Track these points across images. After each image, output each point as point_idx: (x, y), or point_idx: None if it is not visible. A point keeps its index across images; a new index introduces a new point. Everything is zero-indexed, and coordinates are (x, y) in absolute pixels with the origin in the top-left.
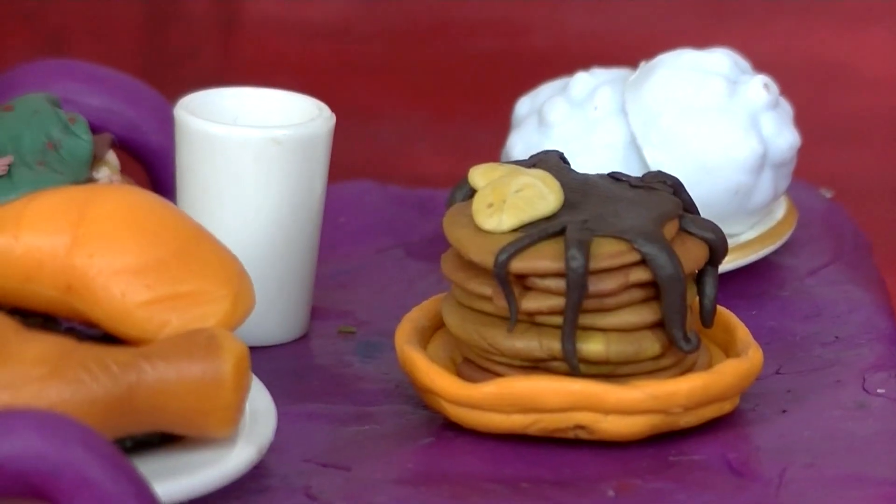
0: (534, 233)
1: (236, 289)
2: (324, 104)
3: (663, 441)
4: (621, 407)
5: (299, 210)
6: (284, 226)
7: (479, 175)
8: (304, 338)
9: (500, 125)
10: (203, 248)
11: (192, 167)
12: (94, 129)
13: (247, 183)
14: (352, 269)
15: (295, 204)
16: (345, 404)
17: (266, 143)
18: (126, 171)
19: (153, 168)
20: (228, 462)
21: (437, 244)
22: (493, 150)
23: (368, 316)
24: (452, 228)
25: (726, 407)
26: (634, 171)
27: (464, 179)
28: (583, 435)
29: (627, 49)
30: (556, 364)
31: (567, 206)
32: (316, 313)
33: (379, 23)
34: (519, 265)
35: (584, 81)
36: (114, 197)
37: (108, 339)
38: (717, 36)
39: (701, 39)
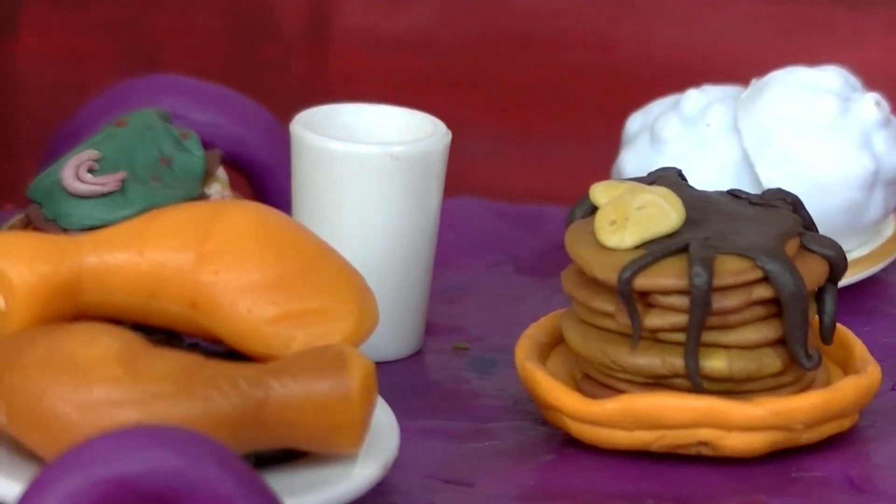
0: (657, 250)
1: (361, 305)
2: (439, 121)
3: (784, 458)
4: (744, 424)
5: (415, 226)
6: (400, 242)
7: (601, 192)
8: (418, 354)
9: (586, 139)
10: (328, 264)
11: (309, 183)
12: (203, 145)
13: (363, 199)
14: (461, 284)
15: (411, 220)
16: (463, 420)
17: (383, 159)
18: (231, 187)
19: (260, 184)
20: (353, 479)
21: (545, 260)
22: (578, 164)
23: (480, 332)
24: (575, 245)
25: (846, 423)
26: (746, 188)
27: (584, 196)
28: (705, 451)
29: (716, 64)
30: (678, 381)
31: (688, 223)
32: (428, 329)
33: (464, 35)
34: (643, 282)
35: (696, 98)
36: (239, 213)
37: (233, 355)
38: (807, 51)
39: (793, 55)
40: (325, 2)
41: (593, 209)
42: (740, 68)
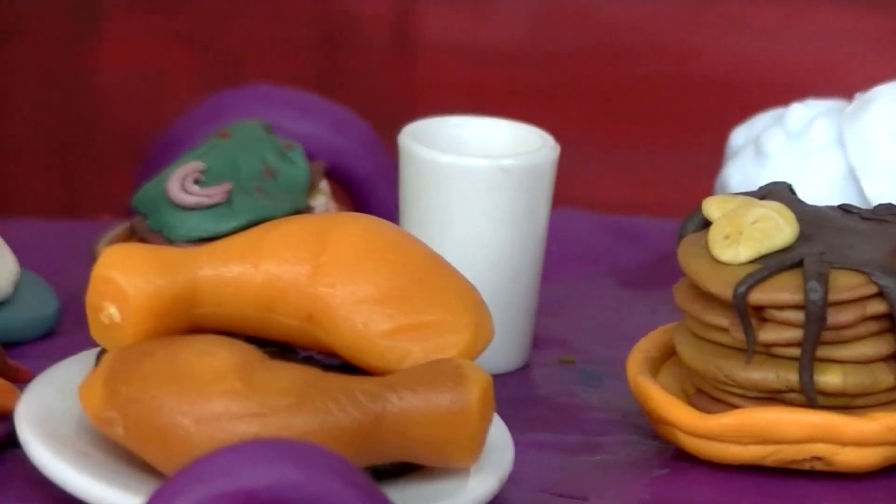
0: (772, 264)
1: (477, 318)
2: (547, 134)
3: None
4: (858, 439)
5: (523, 239)
6: (509, 255)
7: (714, 206)
8: (525, 367)
9: (672, 150)
10: (443, 277)
11: (417, 195)
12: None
13: (473, 212)
14: (562, 297)
15: (519, 233)
16: (573, 434)
17: (493, 171)
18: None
19: (359, 196)
20: (471, 493)
21: (646, 272)
22: (666, 175)
23: (584, 345)
24: (688, 259)
25: None
26: (852, 203)
27: (695, 210)
28: (819, 466)
29: (801, 76)
30: (792, 396)
31: (801, 237)
32: (533, 342)
33: (551, 47)
34: (758, 297)
35: (801, 112)
36: (354, 226)
37: (347, 368)
38: (881, 65)
39: (872, 68)
40: (411, 13)
41: (705, 223)
42: (832, 80)
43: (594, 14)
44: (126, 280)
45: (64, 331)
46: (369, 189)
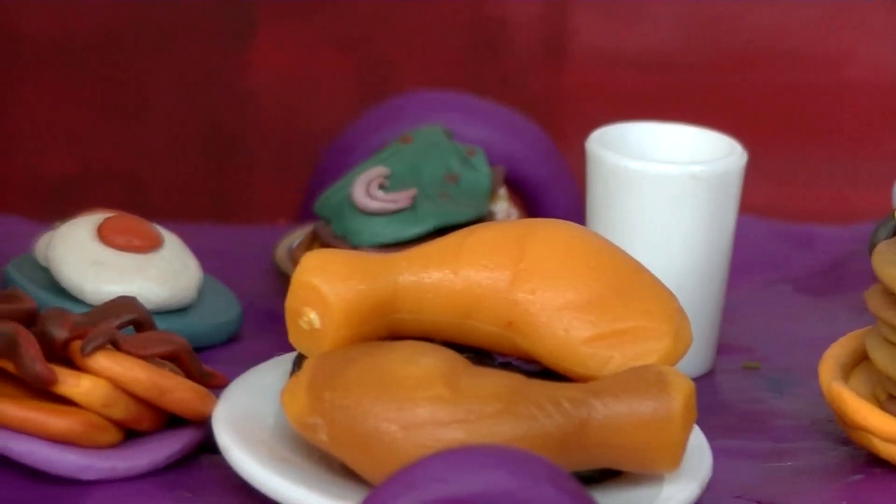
0: None
1: (677, 325)
2: (735, 141)
3: None
4: None
5: (711, 246)
6: (697, 262)
7: None
8: (710, 373)
9: (822, 157)
10: (643, 283)
11: (605, 201)
12: None
13: (661, 218)
14: (743, 303)
15: (707, 240)
16: (763, 440)
17: (683, 178)
18: None
19: (533, 201)
20: (673, 498)
21: (822, 279)
22: (817, 182)
23: (766, 351)
24: (883, 266)
25: None
26: None
27: (887, 217)
28: None
29: None
30: None
31: None
32: (717, 348)
33: (700, 53)
34: None
35: None
36: (553, 232)
37: (545, 374)
38: None
39: None
40: (562, 19)
41: None
42: None
43: (745, 19)
44: (327, 286)
45: (245, 336)
46: (543, 194)
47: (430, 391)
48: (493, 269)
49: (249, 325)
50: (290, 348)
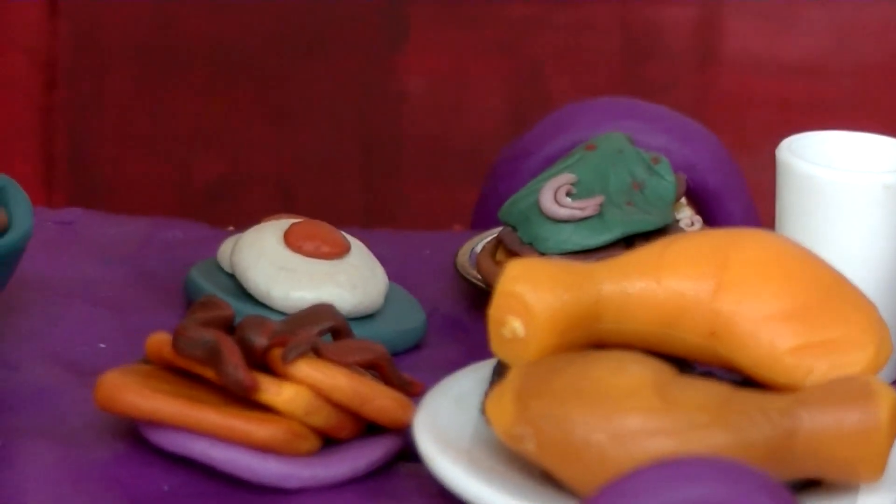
0: None
1: (879, 335)
2: None
3: None
4: None
5: None
6: (888, 271)
7: None
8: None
9: None
10: (845, 293)
11: (796, 209)
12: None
13: (852, 227)
14: None
15: None
16: None
17: (875, 188)
18: None
19: (708, 208)
20: None
21: None
22: None
23: None
24: None
25: None
26: None
27: None
28: None
29: None
30: None
31: None
32: None
33: (854, 59)
34: None
35: None
36: (756, 241)
37: (747, 384)
38: None
39: None
40: (714, 24)
41: None
42: None
43: None
44: (533, 295)
45: (429, 342)
46: (719, 202)
47: (639, 401)
48: (697, 279)
49: (433, 332)
50: (474, 355)
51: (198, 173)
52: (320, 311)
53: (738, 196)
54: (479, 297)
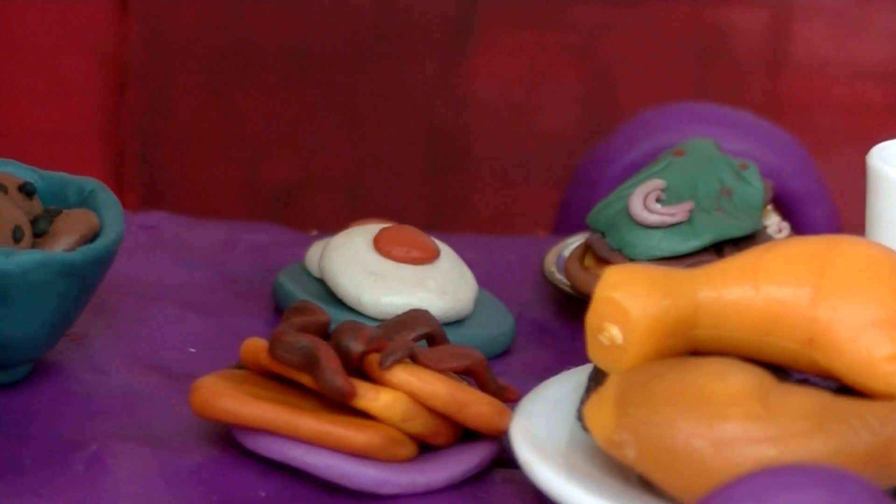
0: None
1: None
2: None
3: None
4: None
5: None
6: None
7: None
8: None
9: None
10: None
11: (886, 216)
12: None
13: None
14: None
15: None
16: None
17: None
18: None
19: (792, 214)
20: None
21: None
22: None
23: None
24: None
25: None
26: None
27: None
28: None
29: None
30: None
31: None
32: None
33: None
34: None
35: None
36: (853, 248)
37: (843, 391)
38: None
39: None
40: (785, 27)
41: None
42: None
43: None
44: (631, 301)
45: (517, 347)
46: (801, 208)
47: (742, 408)
48: (795, 286)
49: (520, 337)
50: (562, 360)
51: (267, 175)
52: (416, 317)
53: (822, 202)
54: (566, 302)
